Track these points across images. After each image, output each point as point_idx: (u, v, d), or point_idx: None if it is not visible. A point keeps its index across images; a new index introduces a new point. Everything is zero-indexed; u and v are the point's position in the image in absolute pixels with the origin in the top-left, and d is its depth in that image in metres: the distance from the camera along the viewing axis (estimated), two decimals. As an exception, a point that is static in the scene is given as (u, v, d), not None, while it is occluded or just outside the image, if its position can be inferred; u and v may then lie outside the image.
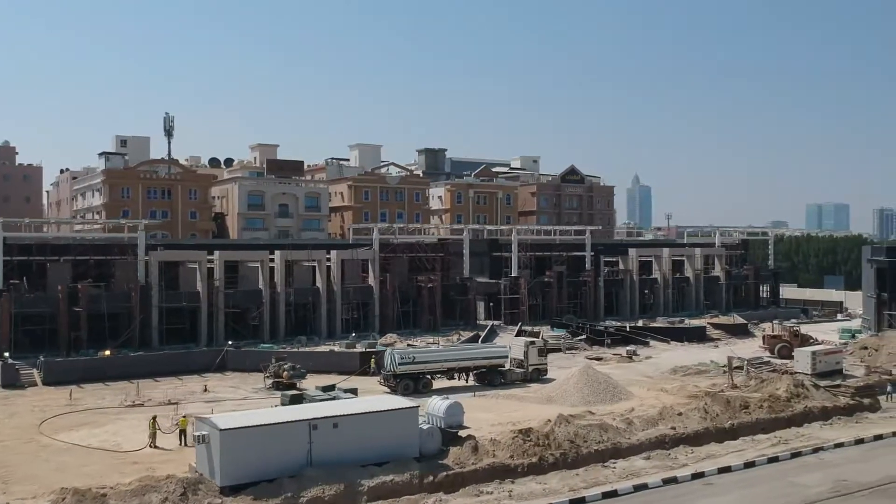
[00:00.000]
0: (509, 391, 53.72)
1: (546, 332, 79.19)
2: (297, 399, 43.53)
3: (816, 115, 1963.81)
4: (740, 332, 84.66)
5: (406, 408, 36.43)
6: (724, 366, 64.76)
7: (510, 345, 60.72)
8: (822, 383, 55.74)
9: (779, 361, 65.78)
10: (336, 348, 65.70)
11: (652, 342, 77.66)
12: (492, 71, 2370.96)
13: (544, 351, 59.34)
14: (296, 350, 63.48)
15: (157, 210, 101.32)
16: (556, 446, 38.58)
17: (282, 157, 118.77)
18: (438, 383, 55.07)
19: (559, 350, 71.95)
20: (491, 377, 56.16)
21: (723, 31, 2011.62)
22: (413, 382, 53.30)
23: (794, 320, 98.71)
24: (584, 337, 77.17)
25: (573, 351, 72.88)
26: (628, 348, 72.20)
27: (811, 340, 70.83)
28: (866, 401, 52.24)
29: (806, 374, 58.63)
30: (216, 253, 69.33)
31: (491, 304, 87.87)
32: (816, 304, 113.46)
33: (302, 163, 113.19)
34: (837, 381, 56.73)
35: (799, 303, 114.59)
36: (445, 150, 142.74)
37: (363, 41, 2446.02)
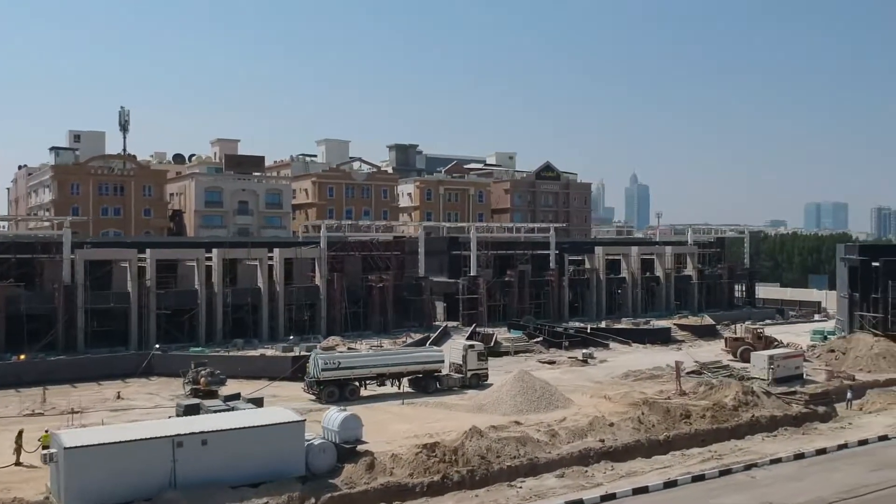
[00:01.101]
0: (441, 399, 50.26)
1: (503, 333, 75.92)
2: (193, 409, 40.02)
3: (815, 114, 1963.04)
4: (708, 333, 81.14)
5: (291, 422, 33.05)
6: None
7: (450, 348, 57.34)
8: (779, 390, 52.59)
9: (739, 365, 62.45)
10: (271, 352, 62.25)
11: (612, 344, 74.29)
12: (480, 67, 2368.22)
13: (484, 355, 55.90)
14: (225, 354, 60.03)
15: (110, 207, 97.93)
16: (463, 462, 35.26)
17: (249, 154, 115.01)
18: (369, 390, 51.70)
19: (510, 353, 68.81)
20: (426, 383, 52.74)
21: (722, 30, 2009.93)
22: (338, 389, 49.91)
23: (768, 321, 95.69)
24: (540, 339, 73.74)
25: (527, 354, 69.50)
26: (584, 351, 68.78)
27: (775, 343, 67.46)
28: (821, 409, 48.96)
29: (763, 380, 55.41)
30: (147, 251, 65.79)
31: (448, 304, 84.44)
32: (795, 305, 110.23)
33: (262, 158, 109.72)
34: (795, 388, 53.31)
35: (777, 303, 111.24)
36: (417, 145, 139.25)
37: (337, 35, 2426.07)
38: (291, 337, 67.50)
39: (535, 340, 73.58)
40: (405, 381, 52.81)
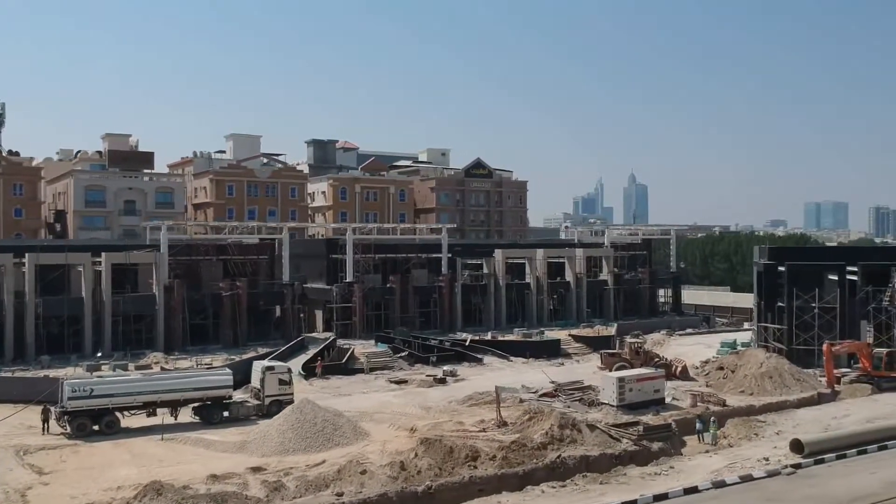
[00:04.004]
0: (207, 433, 42.38)
1: (368, 347, 68.43)
2: None
3: (816, 113, 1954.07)
4: (605, 345, 73.20)
5: None
6: (535, 390, 54.09)
7: (254, 371, 49.60)
8: (624, 419, 44.92)
9: (608, 386, 54.58)
10: (67, 371, 54.60)
11: (489, 359, 66.61)
12: (470, 64, 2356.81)
13: (288, 378, 48.04)
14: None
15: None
16: (118, 532, 27.59)
17: (144, 150, 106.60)
18: (137, 420, 44.00)
19: (364, 371, 61.11)
20: (209, 412, 45.03)
21: (722, 29, 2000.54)
22: (91, 421, 42.22)
23: (689, 330, 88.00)
24: (405, 354, 66.11)
25: (383, 371, 61.65)
26: (445, 368, 61.10)
27: (656, 360, 59.65)
28: (656, 446, 41.27)
29: (612, 406, 47.72)
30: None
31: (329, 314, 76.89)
32: (729, 311, 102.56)
33: (151, 154, 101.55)
34: (639, 418, 45.40)
35: (710, 309, 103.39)
36: (336, 141, 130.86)
37: (282, 26, 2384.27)
38: (100, 353, 59.85)
39: (399, 355, 65.97)
40: (189, 409, 45.23)
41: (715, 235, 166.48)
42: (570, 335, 75.58)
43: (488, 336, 74.20)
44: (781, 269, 66.96)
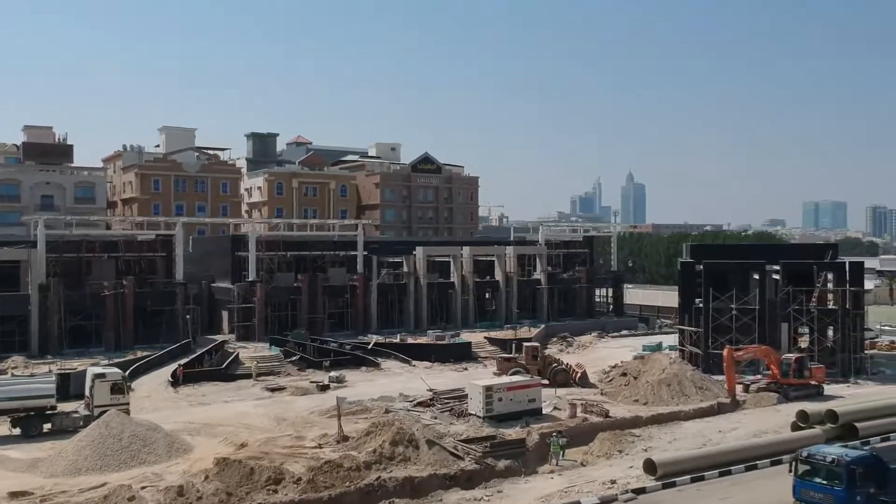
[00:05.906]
0: (16, 448, 38.14)
1: (262, 350, 64.34)
2: None
3: (815, 112, 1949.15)
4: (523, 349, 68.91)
5: None
6: (412, 399, 49.87)
7: (87, 378, 45.30)
8: (485, 432, 40.70)
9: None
10: None
11: (390, 363, 62.60)
12: (468, 61, 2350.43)
13: (121, 386, 43.71)
14: None
15: None
16: None
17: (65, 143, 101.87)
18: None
19: (251, 377, 56.90)
20: (27, 425, 40.83)
21: (721, 28, 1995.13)
22: None
23: (624, 331, 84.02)
24: (297, 358, 61.94)
25: (267, 377, 57.39)
26: (332, 374, 56.88)
27: (555, 365, 55.41)
28: (503, 463, 36.99)
29: (479, 417, 43.49)
30: None
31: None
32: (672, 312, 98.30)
33: (70, 147, 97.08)
34: (509, 429, 41.27)
35: (662, 310, 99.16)
36: (277, 134, 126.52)
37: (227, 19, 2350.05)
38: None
39: (290, 360, 61.79)
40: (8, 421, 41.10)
41: (680, 234, 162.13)
42: (486, 337, 71.30)
43: (397, 338, 69.91)
44: (699, 267, 62.86)
